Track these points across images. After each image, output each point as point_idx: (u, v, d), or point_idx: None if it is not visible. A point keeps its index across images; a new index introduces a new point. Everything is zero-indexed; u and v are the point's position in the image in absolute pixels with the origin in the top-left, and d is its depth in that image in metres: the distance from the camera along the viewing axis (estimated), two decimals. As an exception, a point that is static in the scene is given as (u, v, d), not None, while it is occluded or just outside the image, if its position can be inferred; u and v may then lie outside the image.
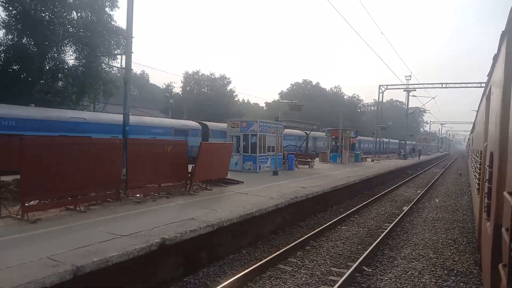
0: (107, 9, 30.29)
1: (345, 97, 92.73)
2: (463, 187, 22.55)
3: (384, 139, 59.99)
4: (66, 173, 7.17)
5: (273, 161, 19.07)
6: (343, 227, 11.13)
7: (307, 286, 6.65)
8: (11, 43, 25.06)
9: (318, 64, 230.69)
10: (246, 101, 79.59)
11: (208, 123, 33.92)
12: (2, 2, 23.94)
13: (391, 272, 7.45)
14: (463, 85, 38.37)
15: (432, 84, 41.44)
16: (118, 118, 25.89)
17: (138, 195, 9.60)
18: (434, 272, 7.49)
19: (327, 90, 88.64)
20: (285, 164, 20.35)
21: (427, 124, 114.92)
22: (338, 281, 6.68)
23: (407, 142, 55.56)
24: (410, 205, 14.94)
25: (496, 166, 3.61)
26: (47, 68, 27.50)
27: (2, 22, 24.58)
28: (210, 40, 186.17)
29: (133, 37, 13.61)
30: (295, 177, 17.02)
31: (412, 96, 45.51)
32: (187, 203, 9.50)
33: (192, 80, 61.35)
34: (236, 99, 67.50)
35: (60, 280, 4.50)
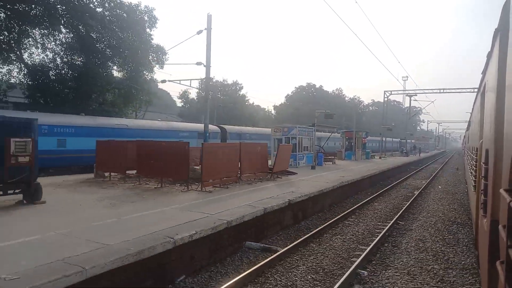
0: (147, 30, 34.87)
1: (346, 98, 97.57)
2: (460, 178, 27.14)
3: (388, 138, 64.36)
4: (217, 163, 11.64)
5: (308, 158, 23.64)
6: (375, 203, 15.62)
7: (368, 229, 11.12)
8: (71, 62, 29.62)
9: (321, 65, 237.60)
10: (252, 103, 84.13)
11: (226, 127, 37.73)
12: (70, 26, 28.31)
13: (416, 222, 11.97)
14: (458, 90, 43.34)
15: (431, 89, 46.67)
16: (151, 124, 30.51)
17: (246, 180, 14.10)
18: (443, 222, 12.02)
19: (330, 92, 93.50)
20: (315, 161, 24.85)
21: (423, 122, 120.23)
22: (386, 226, 11.16)
23: (407, 140, 60.28)
24: (420, 190, 19.46)
25: (491, 163, 3.60)
26: (100, 82, 31.93)
27: (64, 44, 29.13)
28: (215, 42, 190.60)
29: (210, 66, 18.11)
30: (328, 171, 21.53)
31: (414, 100, 50.42)
32: (276, 184, 14.02)
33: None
34: (247, 104, 72.10)
35: (261, 213, 8.97)
